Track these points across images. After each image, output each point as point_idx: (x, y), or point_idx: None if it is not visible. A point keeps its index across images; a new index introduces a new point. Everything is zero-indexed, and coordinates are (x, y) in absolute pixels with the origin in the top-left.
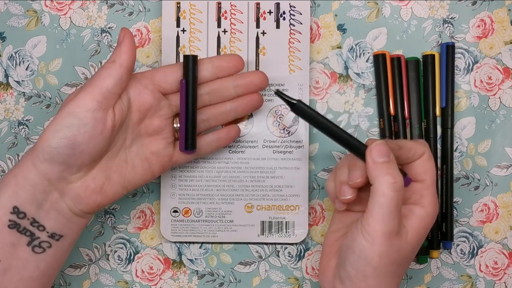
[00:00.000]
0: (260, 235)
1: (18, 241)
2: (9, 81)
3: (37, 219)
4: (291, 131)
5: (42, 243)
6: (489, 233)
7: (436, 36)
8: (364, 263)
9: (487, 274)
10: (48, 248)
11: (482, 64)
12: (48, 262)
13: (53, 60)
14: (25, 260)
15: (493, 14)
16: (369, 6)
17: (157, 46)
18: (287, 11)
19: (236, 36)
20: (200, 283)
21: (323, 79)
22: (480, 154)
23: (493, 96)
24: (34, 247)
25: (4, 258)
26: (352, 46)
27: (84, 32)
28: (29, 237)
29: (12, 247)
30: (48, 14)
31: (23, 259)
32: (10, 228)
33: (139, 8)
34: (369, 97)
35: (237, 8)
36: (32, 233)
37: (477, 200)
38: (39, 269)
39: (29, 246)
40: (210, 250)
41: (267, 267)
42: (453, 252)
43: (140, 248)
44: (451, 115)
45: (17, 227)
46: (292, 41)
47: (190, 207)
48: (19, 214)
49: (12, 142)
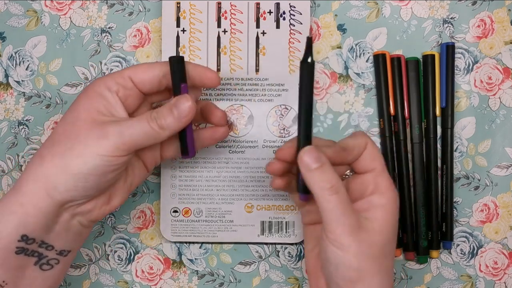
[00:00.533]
0: (260, 235)
1: (26, 263)
2: (9, 81)
3: (46, 241)
4: (291, 131)
5: (50, 260)
6: (489, 233)
7: (436, 36)
8: (345, 270)
9: (487, 274)
10: (56, 265)
11: (482, 64)
12: (55, 277)
13: (53, 60)
14: (33, 278)
15: (493, 14)
16: (369, 6)
17: (157, 46)
18: (287, 11)
19: (236, 36)
20: (200, 283)
21: (323, 79)
22: (480, 154)
23: (493, 96)
24: (42, 265)
25: (11, 281)
26: (352, 46)
27: (84, 32)
28: (37, 257)
29: (19, 269)
30: (48, 14)
31: (30, 277)
32: (18, 254)
33: (139, 8)
34: (369, 97)
35: (237, 8)
36: (40, 253)
37: (477, 200)
38: (46, 284)
39: (36, 265)
40: (210, 250)
41: (267, 267)
42: (453, 252)
43: (140, 248)
44: (451, 115)
45: (24, 252)
46: (292, 41)
47: (190, 207)
48: (28, 240)
49: (12, 142)
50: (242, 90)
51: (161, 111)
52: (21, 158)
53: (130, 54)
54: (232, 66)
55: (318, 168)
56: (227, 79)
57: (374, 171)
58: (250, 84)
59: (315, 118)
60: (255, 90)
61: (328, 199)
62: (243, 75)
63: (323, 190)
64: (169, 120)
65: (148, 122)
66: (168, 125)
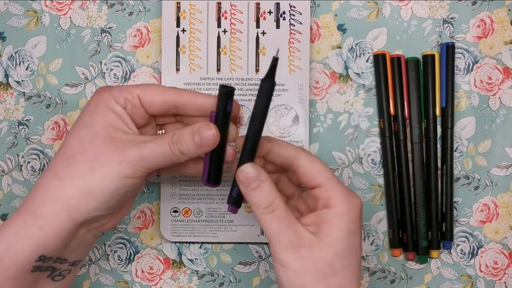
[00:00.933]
0: (260, 235)
1: (40, 278)
2: (9, 81)
3: (61, 256)
4: (291, 131)
5: (62, 272)
6: (489, 233)
7: (436, 36)
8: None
9: (487, 274)
10: (67, 274)
11: (482, 64)
12: (65, 285)
13: (53, 60)
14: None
15: (493, 14)
16: (369, 6)
17: (157, 46)
18: (287, 11)
19: (236, 36)
20: (200, 283)
21: (323, 79)
22: (480, 154)
23: (493, 96)
24: (54, 277)
25: None
26: (352, 46)
27: (84, 32)
28: (51, 271)
29: (33, 284)
30: (48, 14)
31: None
32: (33, 272)
33: (139, 8)
34: (369, 97)
35: (237, 8)
36: (54, 267)
37: (477, 200)
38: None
39: (49, 278)
40: (210, 250)
41: (267, 267)
42: (453, 252)
43: (140, 248)
44: (451, 115)
45: (40, 269)
46: (292, 41)
47: (190, 207)
48: (45, 260)
49: (12, 142)
50: (242, 90)
51: (182, 136)
52: (21, 158)
53: (130, 54)
54: (232, 66)
55: (256, 187)
56: (227, 79)
57: (321, 187)
58: (250, 84)
59: (315, 117)
60: (255, 90)
61: (264, 218)
62: (243, 75)
63: (259, 209)
64: (190, 147)
65: (169, 146)
66: (188, 152)
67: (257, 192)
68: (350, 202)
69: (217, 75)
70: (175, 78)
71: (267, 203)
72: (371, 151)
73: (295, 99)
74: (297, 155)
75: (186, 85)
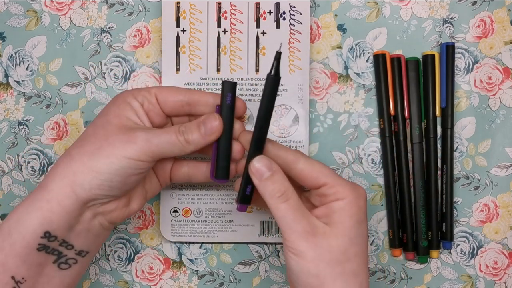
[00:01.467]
0: (260, 235)
1: (46, 261)
2: (9, 81)
3: (66, 240)
4: (291, 131)
5: (68, 260)
6: (489, 233)
7: (436, 36)
8: (304, 276)
9: (487, 274)
10: (74, 264)
11: (482, 64)
12: (72, 277)
13: (53, 60)
14: (51, 276)
15: (493, 14)
16: (369, 6)
17: (157, 46)
18: (287, 11)
19: (236, 36)
20: (200, 283)
21: (323, 79)
22: (480, 154)
23: (493, 96)
24: (60, 264)
25: (30, 277)
26: (352, 46)
27: (84, 32)
28: (57, 255)
29: (39, 266)
30: (48, 14)
31: (48, 275)
32: (39, 250)
33: (139, 8)
34: (369, 97)
35: (237, 8)
36: (60, 252)
37: (477, 200)
38: (63, 284)
39: (55, 264)
40: (210, 250)
41: (267, 267)
42: (453, 252)
43: (140, 248)
44: (451, 115)
45: (46, 249)
46: (292, 41)
47: (190, 207)
48: (50, 238)
49: (12, 142)
50: (242, 90)
51: (189, 126)
52: (21, 158)
53: (130, 54)
54: (232, 66)
55: (269, 177)
56: (227, 79)
57: (326, 185)
58: (250, 84)
59: (315, 117)
60: (255, 90)
61: (278, 207)
62: (243, 75)
63: (273, 198)
64: (195, 136)
65: (175, 134)
66: (193, 140)
67: (271, 182)
68: (357, 192)
69: (217, 75)
70: (175, 78)
71: (281, 192)
72: (371, 151)
73: (295, 99)
74: (296, 159)
75: (186, 85)
